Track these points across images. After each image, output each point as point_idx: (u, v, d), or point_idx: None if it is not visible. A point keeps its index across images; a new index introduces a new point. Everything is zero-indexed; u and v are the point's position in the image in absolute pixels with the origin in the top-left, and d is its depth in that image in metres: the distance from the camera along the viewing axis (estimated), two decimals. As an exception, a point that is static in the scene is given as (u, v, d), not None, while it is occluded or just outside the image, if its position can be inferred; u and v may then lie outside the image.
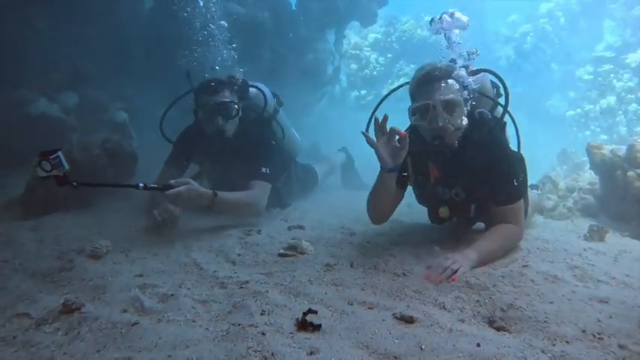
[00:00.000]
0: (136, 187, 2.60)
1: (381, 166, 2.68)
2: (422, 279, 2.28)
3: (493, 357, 1.52)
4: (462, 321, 1.85)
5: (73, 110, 4.82)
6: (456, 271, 2.27)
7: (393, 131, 2.52)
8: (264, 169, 3.46)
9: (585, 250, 2.80)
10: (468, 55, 2.97)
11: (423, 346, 1.60)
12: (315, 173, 5.15)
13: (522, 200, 2.73)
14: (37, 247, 2.64)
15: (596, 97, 11.64)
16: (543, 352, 1.58)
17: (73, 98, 4.86)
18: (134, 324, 1.78)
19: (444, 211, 2.88)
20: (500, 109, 3.05)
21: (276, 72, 7.63)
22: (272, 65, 7.93)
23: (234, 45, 5.37)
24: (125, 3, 6.46)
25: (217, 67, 4.64)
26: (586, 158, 4.91)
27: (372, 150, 3.11)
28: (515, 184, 2.67)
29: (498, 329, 1.79)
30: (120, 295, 2.05)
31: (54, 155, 2.24)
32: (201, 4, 6.66)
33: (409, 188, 3.06)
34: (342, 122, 12.14)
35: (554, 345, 1.64)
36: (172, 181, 2.83)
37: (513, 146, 3.09)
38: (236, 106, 3.52)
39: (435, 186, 2.86)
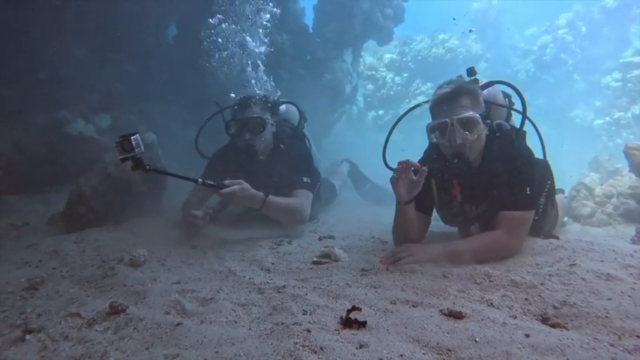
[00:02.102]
0: (196, 181, 2.71)
1: (397, 200, 2.66)
2: (463, 280, 2.23)
3: (557, 348, 1.46)
4: (514, 317, 1.78)
5: (106, 131, 5.01)
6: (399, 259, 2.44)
7: (409, 164, 2.51)
8: (305, 179, 3.50)
9: (636, 251, 2.68)
10: (468, 71, 3.00)
11: (477, 339, 1.54)
12: (334, 187, 5.18)
13: (530, 213, 2.60)
14: (81, 256, 2.71)
15: (626, 104, 11.41)
16: (612, 345, 1.50)
17: (106, 119, 5.06)
18: (178, 324, 1.77)
19: (475, 230, 2.82)
20: (515, 121, 3.03)
21: (294, 93, 7.77)
22: (290, 86, 8.07)
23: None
24: (152, 31, 6.73)
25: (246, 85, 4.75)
26: (620, 165, 4.79)
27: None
28: (528, 192, 2.58)
29: (553, 326, 1.71)
30: (161, 299, 2.06)
31: (134, 137, 2.35)
32: (225, 28, 6.89)
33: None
34: (360, 142, 12.20)
35: (620, 339, 1.56)
36: (227, 181, 2.90)
37: (538, 154, 3.05)
38: (265, 122, 3.56)
39: (462, 204, 2.81)
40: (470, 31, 15.15)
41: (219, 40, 6.61)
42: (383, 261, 2.40)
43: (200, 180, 2.70)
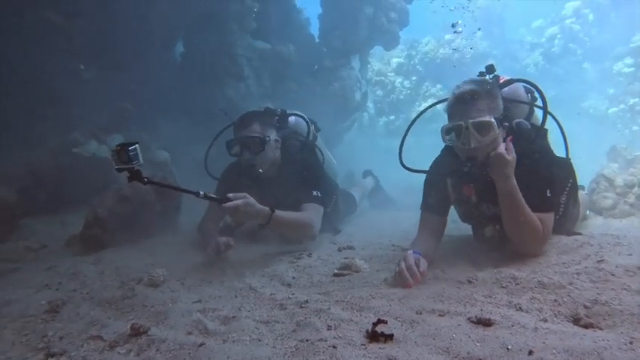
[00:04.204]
0: (197, 194, 2.58)
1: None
2: (489, 286, 2.17)
3: (593, 351, 1.39)
4: (545, 320, 1.72)
5: None
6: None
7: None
8: (315, 192, 3.41)
9: (665, 242, 2.59)
10: (487, 69, 2.95)
11: (509, 347, 1.49)
12: (353, 198, 5.10)
13: (550, 215, 2.54)
14: (100, 278, 2.71)
15: (640, 89, 11.14)
16: (652, 344, 1.44)
17: (119, 139, 5.08)
18: (201, 345, 1.74)
19: (488, 231, 2.76)
20: (538, 117, 2.97)
21: (303, 103, 7.81)
22: (299, 96, 8.09)
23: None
24: (158, 51, 6.82)
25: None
26: (639, 153, 4.66)
27: (406, 174, 3.13)
28: (548, 194, 2.53)
29: (586, 326, 1.65)
30: (182, 319, 2.03)
31: (132, 147, 2.21)
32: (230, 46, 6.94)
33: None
34: (372, 149, 12.15)
35: (659, 338, 1.49)
36: (230, 195, 2.78)
37: (560, 152, 2.98)
38: (265, 140, 3.47)
39: (479, 203, 2.76)
40: (478, 29, 15.05)
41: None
42: (411, 285, 2.29)
43: (202, 193, 2.59)
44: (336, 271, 2.71)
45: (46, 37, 5.16)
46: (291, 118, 4.06)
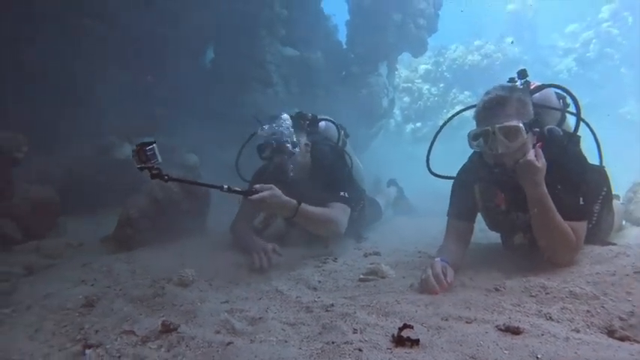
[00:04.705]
0: (221, 188, 2.59)
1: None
2: (518, 294, 2.13)
3: (629, 363, 1.36)
4: (577, 331, 1.69)
5: None
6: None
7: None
8: (342, 193, 3.42)
9: None
10: (519, 74, 2.90)
11: (539, 356, 1.46)
12: (379, 206, 5.09)
13: (583, 224, 2.47)
14: (132, 276, 2.80)
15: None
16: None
17: (162, 162, 5.22)
18: (228, 343, 1.78)
19: (518, 239, 2.72)
20: (571, 124, 2.91)
21: (331, 109, 7.86)
22: (327, 103, 8.14)
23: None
24: (189, 58, 7.01)
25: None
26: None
27: (432, 180, 3.12)
28: (581, 202, 2.46)
29: (622, 339, 1.60)
30: (210, 318, 2.08)
31: (149, 147, 2.27)
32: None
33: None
34: (398, 156, 12.09)
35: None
36: (257, 186, 2.80)
37: (594, 160, 2.90)
38: (295, 144, 3.51)
39: (508, 212, 2.72)
40: (511, 42, 14.75)
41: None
42: (437, 292, 2.28)
43: (225, 186, 2.59)
44: (361, 276, 2.72)
45: (84, 43, 5.39)
46: (322, 123, 4.10)
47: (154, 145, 2.31)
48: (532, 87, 2.92)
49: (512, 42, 15.07)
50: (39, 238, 3.66)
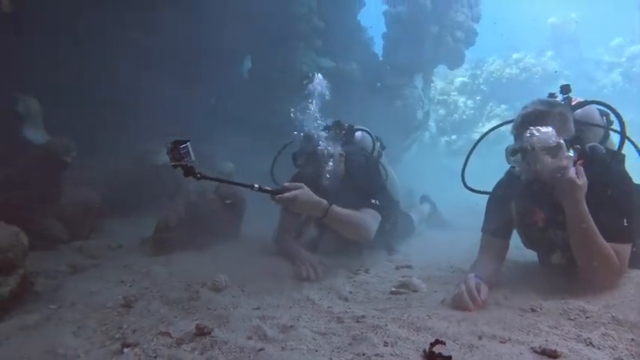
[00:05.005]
0: (252, 187, 2.61)
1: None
2: (556, 316, 2.07)
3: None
4: (620, 359, 1.62)
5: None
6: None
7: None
8: (373, 201, 3.42)
9: None
10: (562, 89, 2.84)
11: (577, 381, 1.42)
12: (412, 220, 5.05)
13: (627, 246, 2.37)
14: (169, 279, 2.89)
15: None
16: None
17: (195, 161, 5.40)
18: (260, 350, 1.81)
19: (556, 258, 2.64)
20: (615, 142, 2.82)
21: (365, 120, 7.87)
22: (361, 114, 8.16)
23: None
24: (227, 66, 7.21)
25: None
26: None
27: (467, 194, 3.07)
28: (625, 224, 2.36)
29: (667, 370, 1.54)
30: (242, 323, 2.12)
31: (183, 145, 2.32)
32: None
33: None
34: (432, 168, 11.95)
35: None
36: (286, 184, 2.81)
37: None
38: (329, 154, 3.57)
39: (545, 229, 2.65)
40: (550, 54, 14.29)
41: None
42: (471, 309, 2.24)
43: (256, 185, 2.61)
44: (393, 289, 2.71)
45: (128, 54, 5.65)
46: (358, 134, 4.14)
47: (188, 143, 2.35)
48: (574, 103, 2.85)
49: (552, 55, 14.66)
50: (82, 238, 3.85)
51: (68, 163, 3.71)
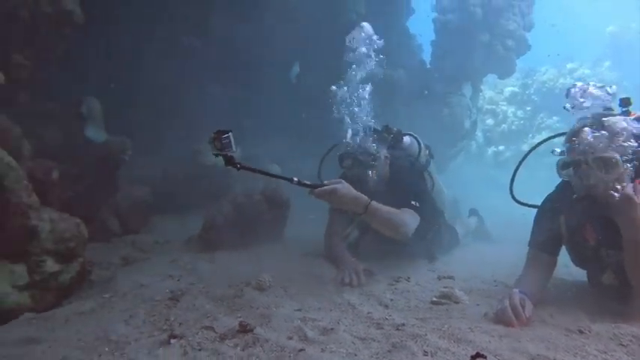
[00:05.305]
0: (291, 180, 2.64)
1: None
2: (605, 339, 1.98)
3: None
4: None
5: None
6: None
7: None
8: (413, 202, 3.40)
9: None
10: (621, 101, 2.71)
11: (628, 408, 1.36)
12: (456, 233, 4.94)
13: None
14: (214, 276, 3.00)
15: None
16: None
17: (237, 152, 5.57)
18: (300, 350, 1.85)
19: (607, 278, 2.52)
20: None
21: (411, 128, 7.79)
22: (408, 121, 8.10)
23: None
24: (277, 70, 7.37)
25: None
26: None
27: (515, 206, 3.00)
28: None
29: None
30: (284, 324, 2.17)
31: (225, 135, 2.36)
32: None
33: None
34: (479, 179, 11.66)
35: None
36: (325, 182, 2.84)
37: None
38: (375, 157, 3.59)
39: (597, 248, 2.53)
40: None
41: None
42: (514, 325, 2.18)
43: (295, 179, 2.63)
44: (434, 298, 2.67)
45: (184, 57, 5.92)
46: (406, 139, 4.12)
47: (230, 134, 2.39)
48: (633, 116, 2.73)
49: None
50: (134, 233, 4.06)
51: (124, 161, 3.93)
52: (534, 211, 2.89)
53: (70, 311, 2.31)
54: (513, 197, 2.98)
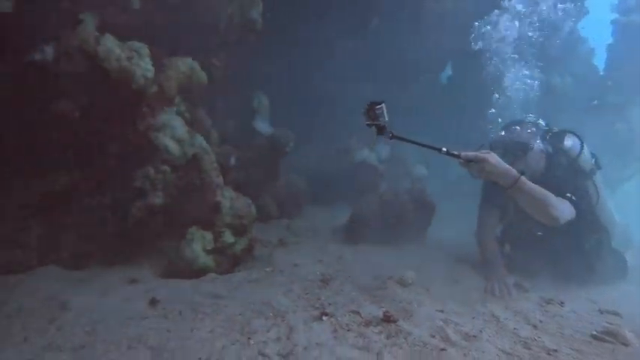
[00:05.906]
0: (440, 150, 2.65)
1: None
2: None
3: None
4: None
5: (384, 161, 5.78)
6: None
7: None
8: (569, 195, 3.20)
9: None
10: None
11: None
12: (625, 262, 4.32)
13: None
14: (358, 266, 3.18)
15: None
16: None
17: (386, 151, 5.81)
18: (442, 349, 1.89)
19: None
20: None
21: (576, 139, 7.08)
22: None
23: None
24: (429, 72, 7.35)
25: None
26: None
27: None
28: None
29: None
30: (426, 322, 2.22)
31: (379, 106, 2.41)
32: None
33: None
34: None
35: None
36: (471, 154, 2.77)
37: None
38: (527, 147, 3.45)
39: None
40: None
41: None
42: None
43: (444, 149, 2.63)
44: (595, 332, 2.42)
45: (342, 60, 6.27)
46: (568, 140, 3.81)
47: (383, 104, 2.44)
48: None
49: None
50: (288, 218, 4.50)
51: (287, 152, 4.37)
52: None
53: (241, 277, 2.70)
54: None
